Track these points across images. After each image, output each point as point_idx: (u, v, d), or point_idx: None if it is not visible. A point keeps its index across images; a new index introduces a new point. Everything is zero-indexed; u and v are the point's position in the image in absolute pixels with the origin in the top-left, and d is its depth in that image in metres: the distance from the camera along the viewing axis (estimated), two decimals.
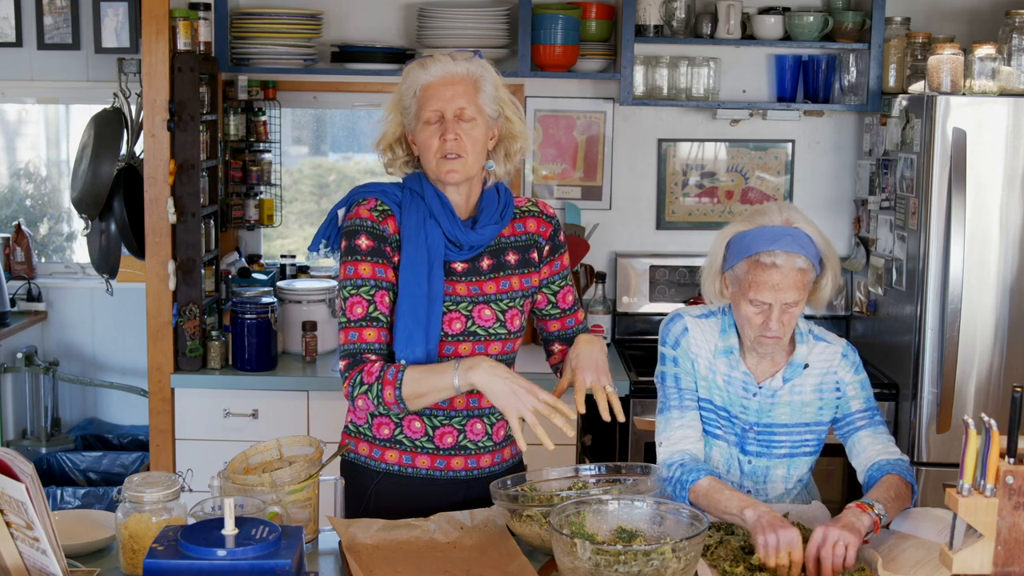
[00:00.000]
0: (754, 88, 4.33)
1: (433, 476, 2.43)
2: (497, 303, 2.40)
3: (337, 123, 4.70)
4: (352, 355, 2.31)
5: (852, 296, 4.27)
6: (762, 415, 2.46)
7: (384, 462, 2.43)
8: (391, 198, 2.38)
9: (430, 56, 2.37)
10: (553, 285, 2.52)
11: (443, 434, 2.41)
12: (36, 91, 4.44)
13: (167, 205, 3.64)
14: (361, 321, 2.32)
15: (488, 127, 2.37)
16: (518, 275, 2.45)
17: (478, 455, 2.45)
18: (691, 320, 2.51)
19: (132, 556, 2.08)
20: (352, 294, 2.33)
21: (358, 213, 2.36)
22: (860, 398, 2.48)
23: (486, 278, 2.41)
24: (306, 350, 3.87)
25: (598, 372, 2.31)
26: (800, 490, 2.57)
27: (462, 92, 2.32)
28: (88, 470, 4.28)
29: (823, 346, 2.49)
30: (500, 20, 4.07)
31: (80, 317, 4.54)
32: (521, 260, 2.45)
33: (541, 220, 2.50)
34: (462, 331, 2.37)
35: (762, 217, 2.39)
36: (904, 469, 2.38)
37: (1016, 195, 3.55)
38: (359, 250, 2.33)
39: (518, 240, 2.46)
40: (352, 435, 2.48)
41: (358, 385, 2.28)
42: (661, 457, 2.46)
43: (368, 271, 2.33)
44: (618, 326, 4.29)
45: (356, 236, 2.34)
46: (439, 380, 2.23)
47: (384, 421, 2.42)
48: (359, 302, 2.32)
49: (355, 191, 2.42)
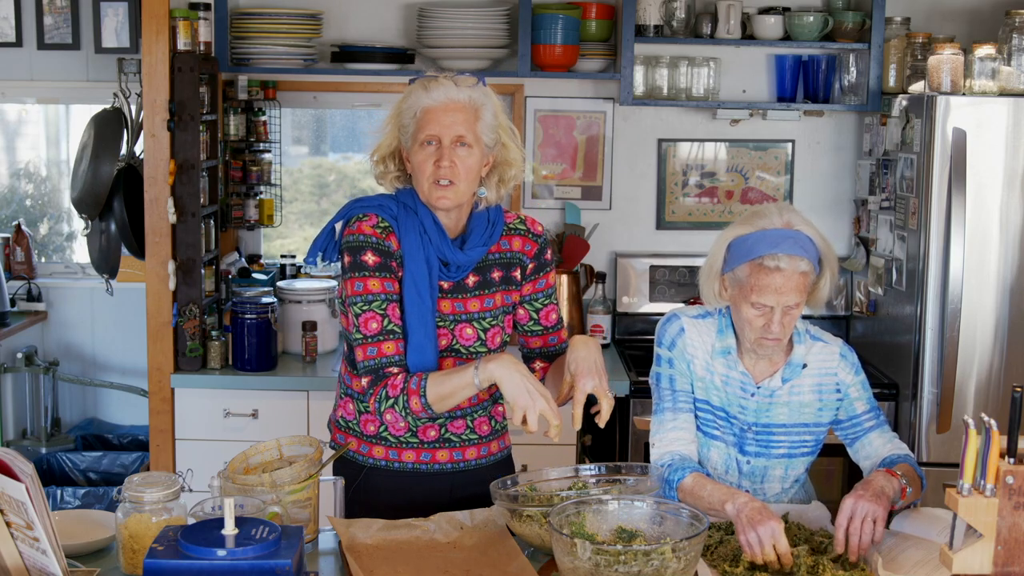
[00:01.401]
0: (754, 88, 4.33)
1: (419, 469, 2.45)
2: (480, 321, 2.43)
3: (337, 123, 4.70)
4: (374, 371, 2.33)
5: (852, 296, 4.27)
6: (760, 415, 2.46)
7: (372, 457, 2.46)
8: (387, 212, 2.39)
9: (434, 78, 2.37)
10: (536, 303, 2.52)
11: (426, 429, 2.44)
12: (36, 91, 4.44)
13: (167, 205, 3.64)
14: (379, 336, 2.32)
15: (483, 155, 2.38)
16: (501, 291, 2.46)
17: (463, 447, 2.47)
18: (687, 321, 2.50)
19: (132, 556, 2.08)
20: (364, 310, 2.33)
21: (361, 229, 2.36)
22: (863, 399, 2.49)
23: (471, 295, 2.43)
24: (306, 350, 3.87)
25: (599, 376, 2.30)
26: (797, 489, 2.57)
27: (462, 120, 2.32)
28: (88, 470, 4.28)
29: (820, 346, 2.49)
30: (500, 20, 4.07)
31: (80, 317, 4.54)
32: (504, 277, 2.47)
33: (527, 239, 2.50)
34: (446, 347, 2.40)
35: (762, 219, 2.38)
36: (914, 462, 2.42)
37: (1016, 195, 3.55)
38: (367, 266, 2.34)
39: (502, 257, 2.47)
40: (342, 430, 2.51)
41: (384, 400, 2.30)
42: (653, 458, 2.47)
43: (378, 286, 2.33)
44: (618, 326, 4.29)
45: (362, 252, 2.34)
46: (460, 379, 2.26)
47: (369, 418, 2.45)
48: (373, 317, 2.33)
49: (352, 206, 2.42)
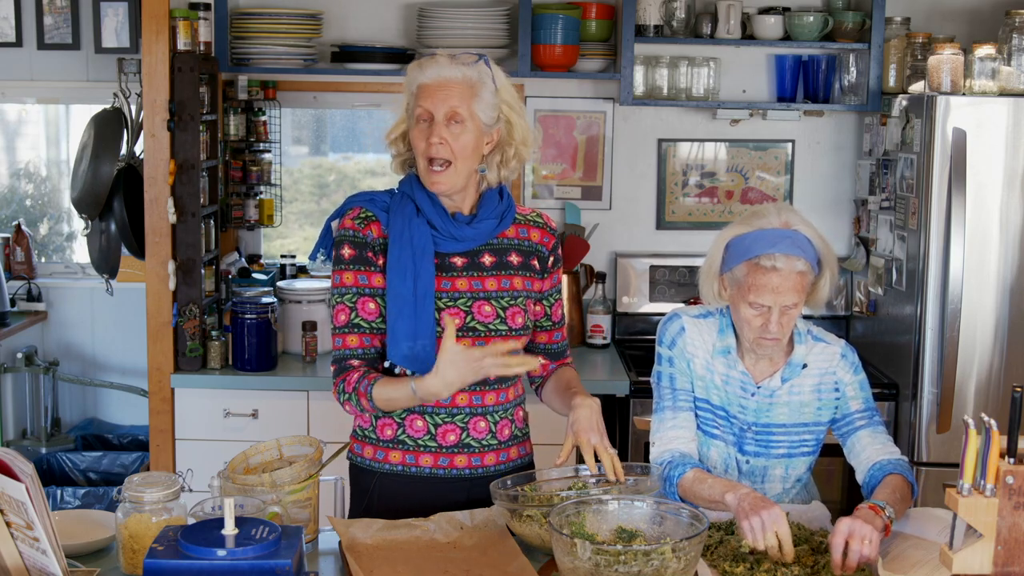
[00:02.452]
0: (754, 88, 4.33)
1: (437, 475, 2.42)
2: (498, 300, 2.40)
3: (337, 123, 4.70)
4: (338, 362, 2.40)
5: (852, 296, 4.27)
6: (760, 415, 2.46)
7: (388, 463, 2.44)
8: (378, 205, 2.40)
9: (432, 55, 2.37)
10: (551, 298, 2.54)
11: (445, 432, 2.41)
12: (36, 91, 4.44)
13: (167, 205, 3.64)
14: (344, 328, 2.38)
15: (481, 133, 2.36)
16: (521, 276, 2.44)
17: (482, 453, 2.44)
18: (688, 320, 2.51)
19: (132, 556, 2.08)
20: (338, 302, 2.39)
21: (343, 224, 2.41)
22: (859, 398, 2.48)
23: (488, 274, 2.41)
24: (306, 350, 3.87)
25: (600, 435, 2.30)
26: (800, 490, 2.57)
27: (455, 94, 2.31)
28: (88, 470, 4.28)
29: (822, 346, 2.49)
30: (500, 20, 4.07)
31: (80, 317, 4.54)
32: (523, 264, 2.46)
33: (545, 231, 2.52)
34: (461, 327, 2.36)
35: (760, 219, 2.38)
36: (904, 468, 2.39)
37: (1016, 195, 3.55)
38: (343, 259, 2.39)
39: (521, 244, 2.47)
40: (359, 439, 2.50)
41: (342, 392, 2.37)
42: (652, 456, 2.47)
43: (351, 279, 2.38)
44: (618, 326, 4.29)
45: (340, 246, 2.40)
46: (397, 390, 2.29)
47: (387, 422, 2.43)
48: (343, 310, 2.38)
49: (346, 202, 2.46)
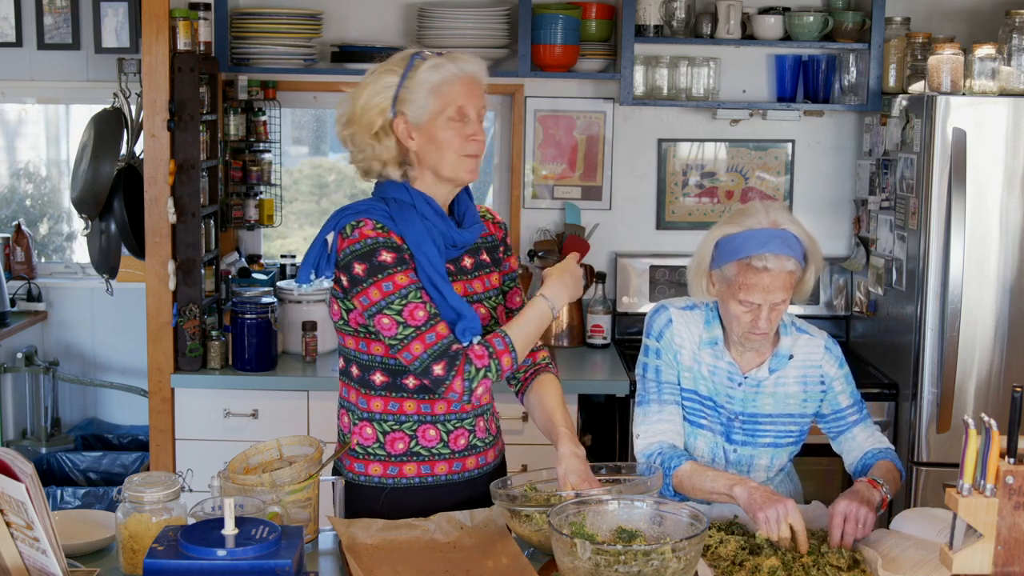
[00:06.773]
0: (754, 88, 4.33)
1: (452, 480, 2.42)
2: (487, 301, 2.44)
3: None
4: (444, 354, 2.24)
5: (852, 296, 4.27)
6: (747, 404, 2.50)
7: (404, 476, 2.39)
8: (379, 214, 2.31)
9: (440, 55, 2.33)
10: (504, 286, 2.55)
11: (457, 437, 2.41)
12: (36, 91, 4.44)
13: (167, 205, 3.64)
14: (431, 321, 2.25)
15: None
16: (497, 273, 2.50)
17: (485, 451, 2.47)
18: (675, 312, 2.55)
19: (132, 556, 2.08)
20: (404, 305, 2.25)
21: (363, 234, 2.28)
22: (847, 393, 2.55)
23: (472, 277, 2.43)
24: (306, 350, 3.87)
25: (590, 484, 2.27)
26: (783, 479, 2.62)
27: (481, 92, 2.36)
28: (88, 470, 4.28)
29: (806, 338, 2.55)
30: (500, 20, 4.07)
31: (80, 317, 4.54)
32: (493, 260, 2.49)
33: (495, 225, 2.54)
34: None
35: (749, 218, 2.41)
36: (895, 457, 2.52)
37: (1016, 195, 3.55)
38: (388, 265, 2.26)
39: (486, 241, 2.49)
40: (360, 458, 2.41)
41: (476, 375, 2.25)
42: (639, 448, 2.49)
43: (405, 280, 2.26)
44: (618, 326, 4.29)
45: (376, 254, 2.26)
46: (534, 312, 2.36)
47: (398, 436, 2.38)
48: (418, 306, 2.25)
49: (340, 216, 2.34)
